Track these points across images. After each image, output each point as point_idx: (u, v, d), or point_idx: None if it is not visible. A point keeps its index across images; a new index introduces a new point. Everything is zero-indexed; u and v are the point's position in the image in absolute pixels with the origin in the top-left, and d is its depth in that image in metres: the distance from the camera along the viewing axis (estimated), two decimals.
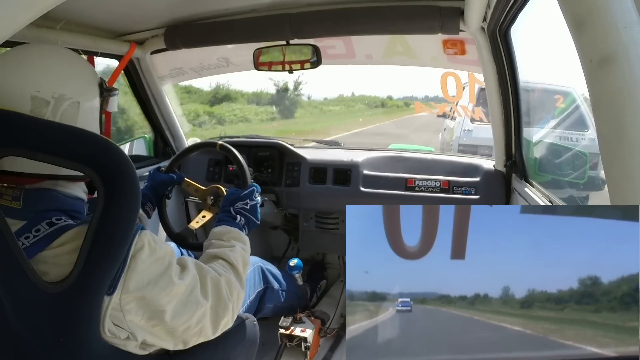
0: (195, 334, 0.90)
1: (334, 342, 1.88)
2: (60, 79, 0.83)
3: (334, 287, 2.23)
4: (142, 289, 0.78)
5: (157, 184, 1.48)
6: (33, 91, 0.79)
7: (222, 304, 0.93)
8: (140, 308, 0.79)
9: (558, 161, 1.41)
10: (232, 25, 1.64)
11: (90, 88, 0.89)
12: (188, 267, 0.89)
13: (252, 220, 1.22)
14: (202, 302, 0.89)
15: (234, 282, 0.99)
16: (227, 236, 1.12)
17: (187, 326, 0.87)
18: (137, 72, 1.99)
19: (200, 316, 0.88)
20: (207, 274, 0.93)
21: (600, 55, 0.50)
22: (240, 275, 1.04)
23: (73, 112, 0.84)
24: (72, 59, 0.88)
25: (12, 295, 0.72)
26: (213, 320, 0.92)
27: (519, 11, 1.17)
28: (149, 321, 0.81)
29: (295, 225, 2.23)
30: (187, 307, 0.86)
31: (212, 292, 0.92)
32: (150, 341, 0.85)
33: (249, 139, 2.29)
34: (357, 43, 1.90)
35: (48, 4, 0.63)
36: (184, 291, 0.85)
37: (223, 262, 1.04)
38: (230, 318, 0.97)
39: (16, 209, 0.79)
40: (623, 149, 0.48)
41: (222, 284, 0.95)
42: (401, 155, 2.04)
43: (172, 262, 0.85)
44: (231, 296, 0.96)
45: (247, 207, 1.22)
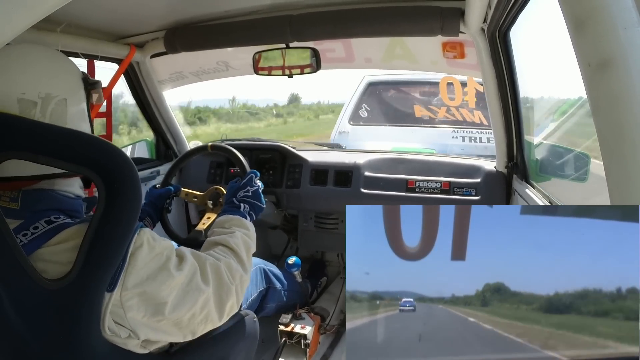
0: (201, 322, 0.89)
1: (333, 339, 1.88)
2: (44, 79, 0.83)
3: (333, 284, 2.24)
4: (142, 284, 0.78)
5: (155, 199, 1.50)
6: (19, 94, 0.79)
7: (224, 288, 0.93)
8: (142, 304, 0.79)
9: (559, 162, 1.41)
10: (232, 27, 1.65)
11: (74, 83, 0.88)
12: (186, 257, 0.88)
13: (257, 205, 1.24)
14: (204, 288, 0.88)
15: (235, 265, 0.99)
16: (228, 223, 1.13)
17: (191, 314, 0.86)
18: (137, 76, 2.00)
19: (203, 302, 0.88)
20: (206, 260, 0.92)
21: (599, 56, 0.50)
22: (242, 259, 1.04)
23: (61, 110, 0.84)
24: (52, 57, 0.88)
25: (12, 293, 0.72)
26: (217, 304, 0.91)
27: (519, 12, 1.17)
28: (153, 317, 0.81)
29: (295, 225, 2.23)
30: (188, 295, 0.85)
31: (212, 277, 0.91)
32: (156, 338, 0.85)
33: (250, 141, 2.30)
34: (356, 46, 1.91)
35: (49, 8, 0.63)
36: (183, 281, 0.84)
37: (223, 247, 1.04)
38: (236, 301, 0.96)
39: (14, 210, 0.79)
40: (623, 150, 0.48)
41: (222, 268, 0.94)
42: (403, 157, 2.04)
43: (171, 255, 0.84)
44: (233, 279, 0.95)
45: (249, 194, 1.24)
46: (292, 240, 2.39)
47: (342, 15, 1.51)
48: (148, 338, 0.83)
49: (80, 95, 0.89)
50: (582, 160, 1.26)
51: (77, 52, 1.57)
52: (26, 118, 0.78)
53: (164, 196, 1.52)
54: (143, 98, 2.08)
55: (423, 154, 2.12)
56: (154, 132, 2.23)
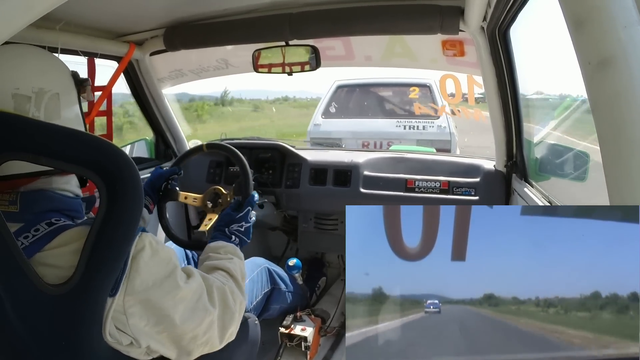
0: (201, 344, 0.90)
1: (334, 342, 1.88)
2: (36, 73, 0.84)
3: (334, 286, 2.23)
4: (147, 291, 0.78)
5: (155, 178, 1.48)
6: (12, 89, 0.79)
7: (229, 313, 0.94)
8: (145, 312, 0.79)
9: (559, 161, 1.41)
10: (231, 25, 1.64)
11: (66, 79, 0.89)
12: (194, 275, 0.89)
13: (244, 240, 1.24)
14: (210, 309, 0.89)
15: (237, 291, 1.00)
16: (224, 250, 1.14)
17: (194, 335, 0.86)
18: (137, 73, 1.99)
19: (208, 325, 0.89)
20: (213, 283, 0.94)
21: (599, 54, 0.50)
22: (240, 285, 1.05)
23: (55, 104, 0.84)
24: (42, 55, 0.88)
25: (13, 298, 0.71)
26: (220, 329, 0.92)
27: (519, 10, 1.17)
28: (155, 327, 0.81)
29: (294, 226, 2.23)
30: (195, 313, 0.86)
31: (219, 300, 0.92)
32: (154, 348, 0.84)
33: (250, 140, 2.29)
34: (356, 44, 1.90)
35: (48, 6, 0.63)
36: (191, 297, 0.85)
37: (223, 272, 1.05)
38: (235, 328, 0.98)
39: (14, 213, 0.79)
40: (623, 150, 0.48)
41: (227, 292, 0.96)
42: (402, 156, 2.04)
43: (177, 265, 0.85)
44: (236, 305, 0.97)
45: (242, 230, 1.24)
46: (292, 242, 2.39)
47: (341, 13, 1.51)
48: (149, 346, 0.83)
49: (72, 91, 0.90)
50: (582, 159, 1.26)
51: (77, 50, 1.57)
52: (27, 118, 0.78)
53: (164, 176, 1.49)
54: (142, 96, 2.07)
55: (422, 153, 2.12)
56: (154, 131, 2.22)
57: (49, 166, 0.75)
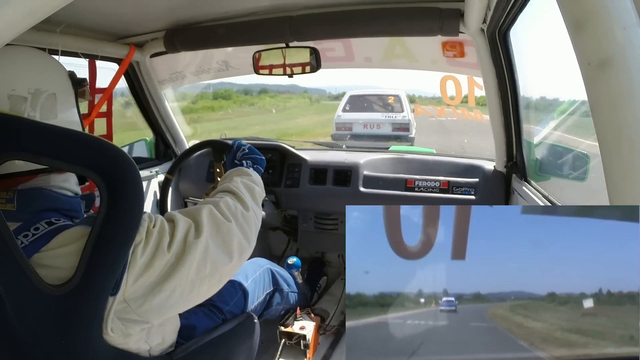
0: (210, 275, 0.87)
1: (333, 340, 1.88)
2: (33, 74, 0.84)
3: (334, 285, 2.23)
4: (141, 275, 0.78)
5: None
6: (8, 90, 0.80)
7: (223, 228, 0.91)
8: (143, 290, 0.79)
9: (559, 162, 1.41)
10: (232, 28, 1.65)
11: (63, 80, 0.89)
12: (176, 220, 0.86)
13: (257, 158, 1.23)
14: (201, 238, 0.86)
15: (232, 202, 0.97)
16: (228, 177, 1.12)
17: (201, 277, 0.85)
18: (137, 75, 2.00)
19: (202, 253, 0.85)
20: (198, 211, 0.90)
21: (599, 56, 0.50)
22: (242, 197, 1.02)
23: (51, 105, 0.85)
24: (39, 56, 0.88)
25: (14, 298, 0.71)
26: (221, 247, 0.89)
27: (518, 12, 1.17)
28: (155, 293, 0.80)
29: (295, 226, 2.23)
30: (184, 257, 0.83)
31: (207, 222, 0.89)
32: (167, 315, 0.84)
33: (250, 140, 2.29)
34: (356, 46, 1.91)
35: (48, 10, 0.63)
36: (177, 250, 0.83)
37: (220, 193, 1.03)
38: (243, 238, 0.94)
39: (11, 212, 0.79)
40: (622, 150, 0.48)
41: (214, 210, 0.92)
42: (402, 156, 2.04)
43: (163, 233, 0.82)
44: (232, 217, 0.94)
45: (246, 151, 1.24)
46: (292, 241, 2.39)
47: (341, 15, 1.51)
48: (161, 322, 0.83)
49: (69, 92, 0.90)
50: (582, 160, 1.26)
51: (78, 52, 1.57)
52: (27, 119, 0.78)
53: None
54: (143, 98, 2.08)
55: (422, 154, 2.12)
56: (154, 132, 2.23)
57: (49, 166, 0.75)
